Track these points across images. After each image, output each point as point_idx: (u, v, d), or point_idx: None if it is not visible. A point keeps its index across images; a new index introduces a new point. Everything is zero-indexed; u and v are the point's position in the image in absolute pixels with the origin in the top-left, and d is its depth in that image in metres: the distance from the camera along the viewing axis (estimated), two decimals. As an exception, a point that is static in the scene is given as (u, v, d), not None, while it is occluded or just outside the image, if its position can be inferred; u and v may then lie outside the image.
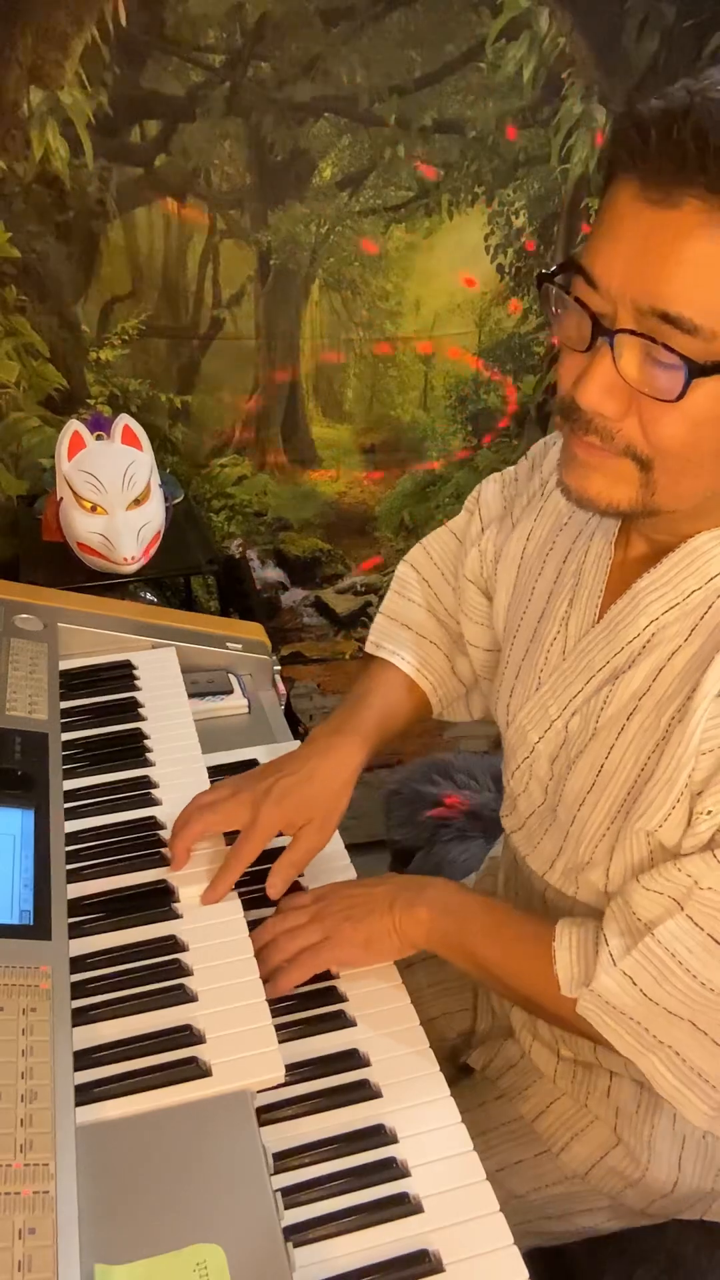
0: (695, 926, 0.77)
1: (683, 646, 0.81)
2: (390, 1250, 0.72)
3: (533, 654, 0.97)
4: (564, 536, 0.97)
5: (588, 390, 0.71)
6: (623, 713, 0.85)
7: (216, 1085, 0.79)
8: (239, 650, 1.33)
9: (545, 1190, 1.02)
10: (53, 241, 1.77)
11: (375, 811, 1.64)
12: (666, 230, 0.64)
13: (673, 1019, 0.80)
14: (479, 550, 1.07)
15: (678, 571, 0.82)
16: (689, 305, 0.64)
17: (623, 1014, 0.81)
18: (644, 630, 0.84)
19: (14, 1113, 0.69)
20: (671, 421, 0.69)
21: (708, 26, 1.83)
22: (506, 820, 1.05)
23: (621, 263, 0.67)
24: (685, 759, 0.78)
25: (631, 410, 0.71)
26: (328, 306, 1.92)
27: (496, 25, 1.75)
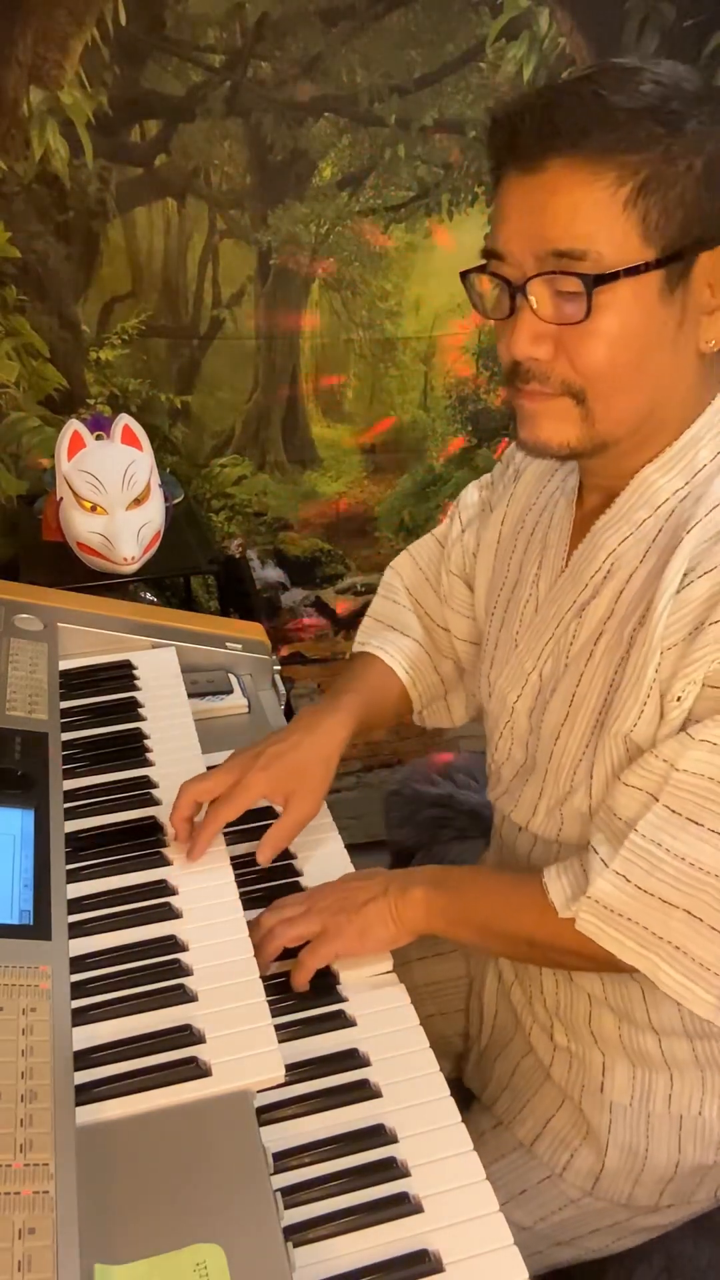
0: (672, 813, 0.82)
1: (639, 568, 0.89)
2: (390, 1250, 0.72)
3: (509, 622, 1.03)
4: (532, 515, 1.05)
5: (518, 341, 0.82)
6: (590, 639, 0.92)
7: (216, 1085, 0.79)
8: (239, 650, 1.33)
9: (552, 1217, 1.03)
10: (53, 241, 1.77)
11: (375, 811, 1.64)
12: (542, 189, 0.79)
13: (669, 909, 0.82)
14: (461, 545, 1.15)
15: (629, 506, 0.90)
16: (573, 238, 0.78)
17: (620, 915, 0.84)
18: (604, 563, 0.91)
19: (14, 1113, 0.68)
20: (591, 344, 0.81)
21: (707, 26, 1.83)
22: (492, 792, 1.09)
23: (516, 229, 0.81)
24: (650, 655, 0.84)
25: (559, 351, 0.82)
26: (328, 306, 1.92)
27: (496, 25, 1.75)
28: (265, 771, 0.98)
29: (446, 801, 1.51)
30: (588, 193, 0.77)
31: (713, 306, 0.82)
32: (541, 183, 0.79)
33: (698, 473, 0.87)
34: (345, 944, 0.92)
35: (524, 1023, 1.07)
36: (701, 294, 0.81)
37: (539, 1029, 1.06)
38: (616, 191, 0.77)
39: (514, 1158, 1.04)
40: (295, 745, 1.01)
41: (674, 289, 0.80)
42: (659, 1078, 0.99)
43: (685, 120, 0.77)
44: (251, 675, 1.32)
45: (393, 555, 1.24)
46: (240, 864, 1.03)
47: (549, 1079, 1.05)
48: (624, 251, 0.78)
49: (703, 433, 0.87)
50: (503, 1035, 1.11)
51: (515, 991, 1.09)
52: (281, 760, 0.99)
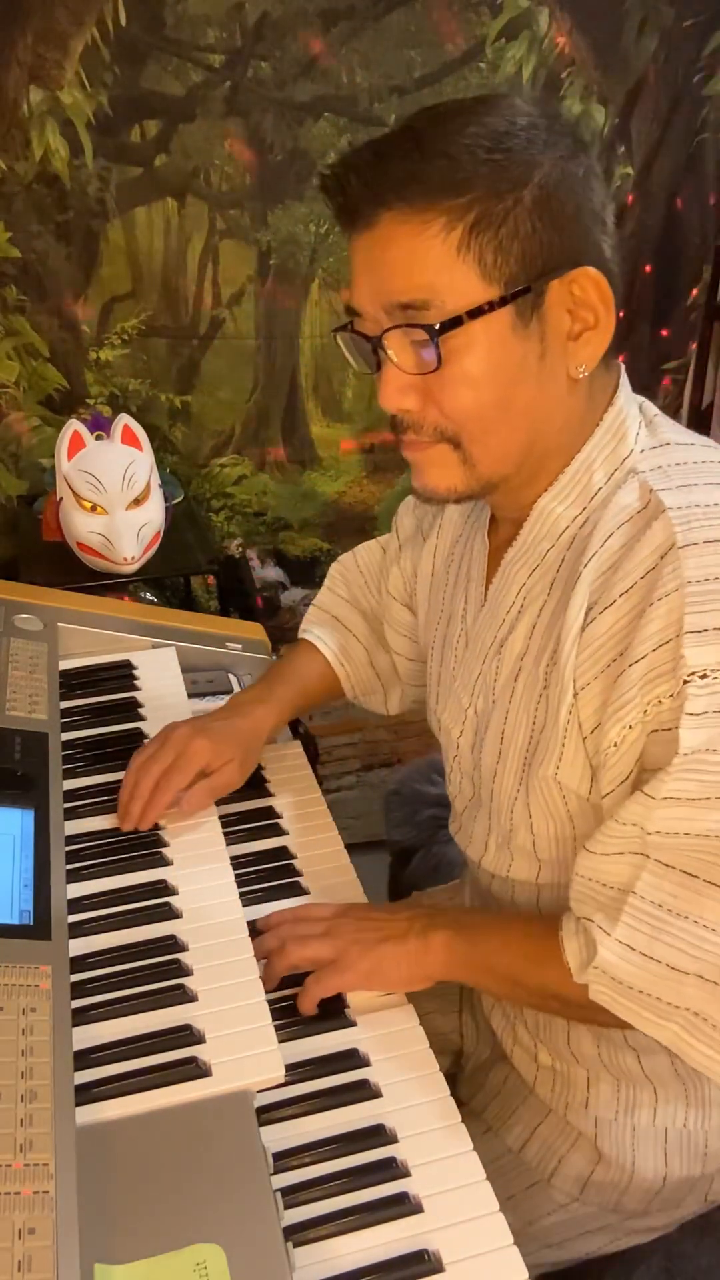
0: (666, 868, 0.78)
1: (547, 600, 0.88)
2: (390, 1250, 0.72)
3: (446, 657, 1.03)
4: (459, 546, 1.05)
5: (386, 395, 0.83)
6: (510, 676, 0.91)
7: (216, 1085, 0.79)
8: (239, 650, 1.33)
9: (541, 1221, 1.02)
10: (53, 241, 1.77)
11: (375, 811, 1.64)
12: (378, 244, 0.79)
13: (681, 977, 0.79)
14: (399, 568, 1.16)
15: (533, 538, 0.89)
16: (414, 290, 0.78)
17: (630, 987, 0.81)
18: (516, 597, 0.91)
19: (14, 1113, 0.69)
20: (452, 390, 0.80)
21: (707, 26, 1.83)
22: (451, 825, 1.08)
23: (364, 285, 0.81)
24: (563, 695, 0.83)
25: (428, 400, 0.82)
26: (327, 306, 1.92)
27: (496, 25, 1.75)
28: (208, 739, 1.05)
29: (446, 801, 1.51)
30: (419, 241, 0.77)
31: (576, 331, 0.81)
32: (376, 238, 0.78)
33: (593, 497, 0.85)
34: (353, 980, 0.91)
35: (505, 1045, 1.07)
36: (561, 321, 0.80)
37: (521, 1050, 1.05)
38: (447, 237, 0.76)
39: (502, 1163, 1.04)
40: (231, 725, 1.09)
41: (528, 322, 0.79)
42: (643, 1092, 0.98)
43: (510, 154, 0.76)
44: (251, 675, 1.32)
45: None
46: (240, 864, 1.03)
47: (534, 1094, 1.05)
48: (464, 295, 0.77)
49: (594, 455, 0.86)
50: (489, 1052, 1.11)
51: (496, 1015, 1.08)
52: (221, 732, 1.07)
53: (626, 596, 0.78)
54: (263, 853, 1.06)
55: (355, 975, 0.91)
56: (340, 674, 1.22)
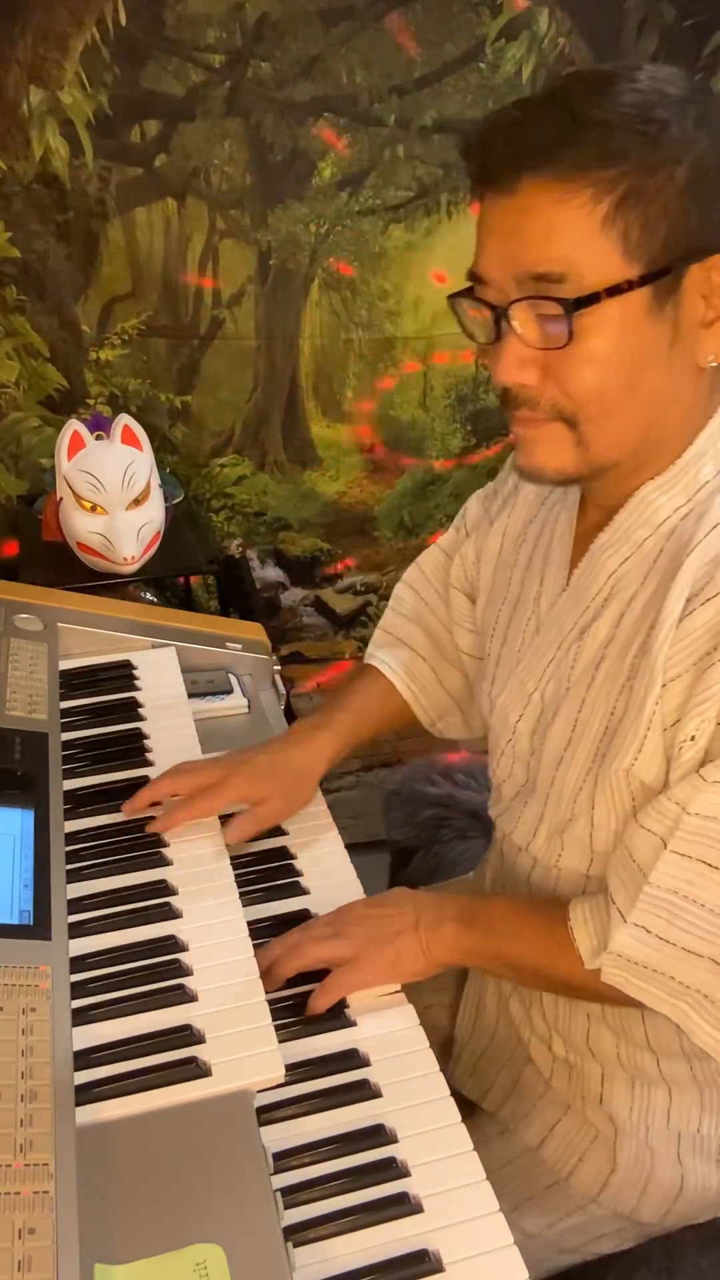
0: (682, 857, 0.79)
1: (639, 591, 0.86)
2: (390, 1250, 0.72)
3: (511, 639, 1.01)
4: (533, 528, 1.02)
5: (504, 367, 0.80)
6: (591, 664, 0.89)
7: (216, 1085, 0.79)
8: (239, 650, 1.33)
9: (559, 1224, 1.02)
10: (53, 241, 1.77)
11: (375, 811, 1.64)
12: (517, 211, 0.76)
13: (693, 959, 0.80)
14: (460, 557, 1.13)
15: (629, 524, 0.87)
16: (552, 261, 0.75)
17: (645, 967, 0.82)
18: (604, 584, 0.89)
19: (14, 1113, 0.69)
20: (578, 368, 0.78)
21: (707, 26, 1.83)
22: (493, 809, 1.07)
23: (495, 251, 0.78)
24: (651, 686, 0.81)
25: (548, 375, 0.79)
26: (328, 306, 1.92)
27: (496, 25, 1.75)
28: (248, 778, 1.02)
29: (446, 801, 1.51)
30: (561, 211, 0.74)
31: (709, 319, 0.78)
32: (516, 204, 0.76)
33: (699, 489, 0.84)
34: (377, 974, 0.91)
35: (523, 1035, 1.07)
36: (695, 307, 0.78)
37: (538, 1040, 1.05)
38: (593, 209, 0.73)
39: (521, 1162, 1.04)
40: (284, 760, 1.05)
41: (663, 305, 0.77)
42: (657, 1094, 0.98)
43: (666, 127, 0.73)
44: (251, 675, 1.32)
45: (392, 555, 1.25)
46: (240, 864, 1.03)
47: (550, 1088, 1.05)
48: (604, 271, 0.75)
49: (706, 448, 0.84)
50: (504, 1045, 1.11)
51: (514, 1003, 1.08)
52: (267, 770, 1.03)
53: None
54: (263, 853, 1.06)
55: (378, 970, 0.91)
56: (408, 696, 1.18)
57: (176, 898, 0.95)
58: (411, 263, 1.90)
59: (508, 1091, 1.08)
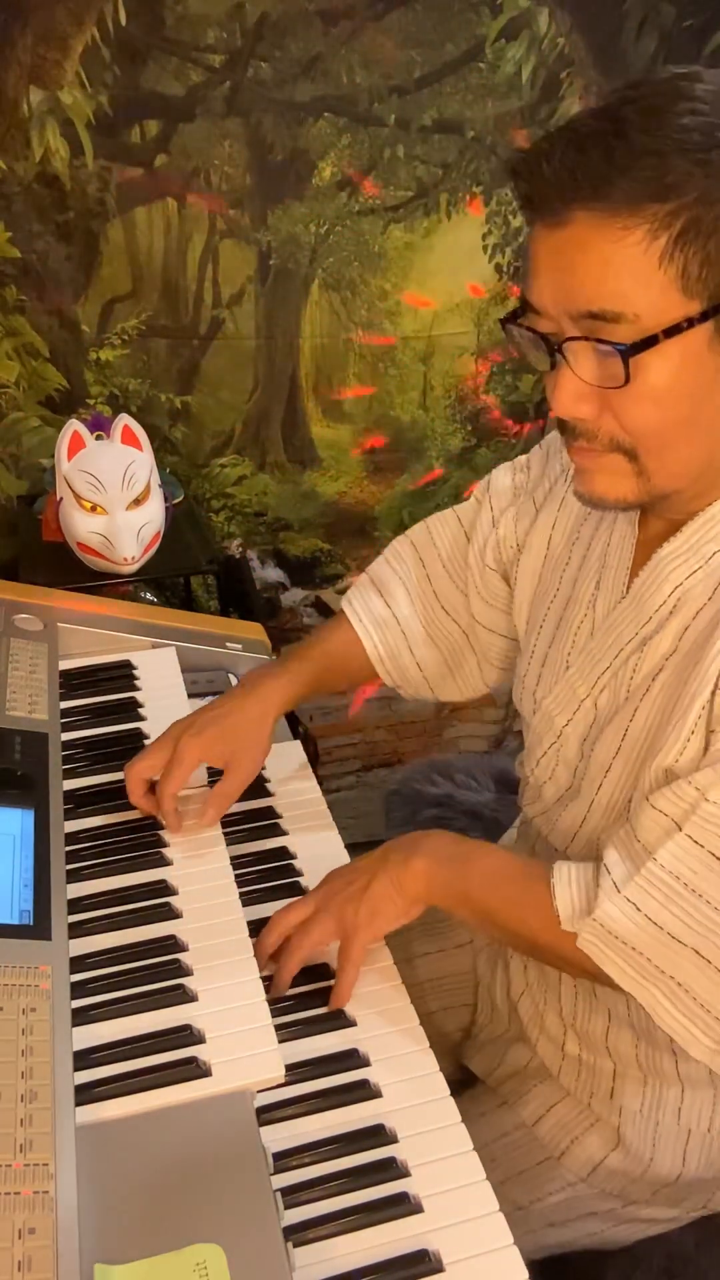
0: (695, 844, 0.78)
1: (706, 605, 0.84)
2: (390, 1250, 0.72)
3: (559, 640, 0.98)
4: (588, 526, 0.99)
5: (560, 401, 0.78)
6: (650, 675, 0.87)
7: (216, 1085, 0.79)
8: (239, 650, 1.33)
9: (547, 1199, 1.02)
10: (53, 241, 1.76)
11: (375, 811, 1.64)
12: (569, 245, 0.73)
13: (677, 946, 0.79)
14: (498, 537, 1.09)
15: (699, 537, 0.85)
16: (607, 299, 0.73)
17: (624, 943, 0.81)
18: (669, 596, 0.87)
19: (14, 1113, 0.69)
20: (636, 405, 0.76)
21: (707, 27, 1.83)
22: (530, 807, 1.05)
23: (548, 284, 0.75)
24: (702, 688, 0.80)
25: (605, 409, 0.78)
26: (327, 306, 1.92)
27: (496, 25, 1.75)
28: (197, 738, 1.01)
29: (446, 801, 1.51)
30: (618, 249, 0.71)
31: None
32: (568, 238, 0.72)
33: None
34: (366, 933, 0.91)
35: (530, 1034, 1.07)
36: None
37: (546, 1040, 1.05)
38: (650, 245, 0.70)
39: (515, 1136, 1.04)
40: (229, 711, 1.04)
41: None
42: (670, 1091, 0.98)
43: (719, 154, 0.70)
44: (251, 675, 1.32)
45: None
46: (240, 864, 1.03)
47: (556, 1081, 1.05)
48: (663, 309, 0.72)
49: None
50: (505, 1029, 1.11)
51: (525, 1003, 1.07)
52: (214, 726, 1.02)
53: None
54: (263, 853, 1.06)
55: (363, 929, 0.90)
56: (373, 655, 1.14)
57: (176, 898, 0.95)
58: (411, 263, 1.90)
59: (512, 1070, 1.08)
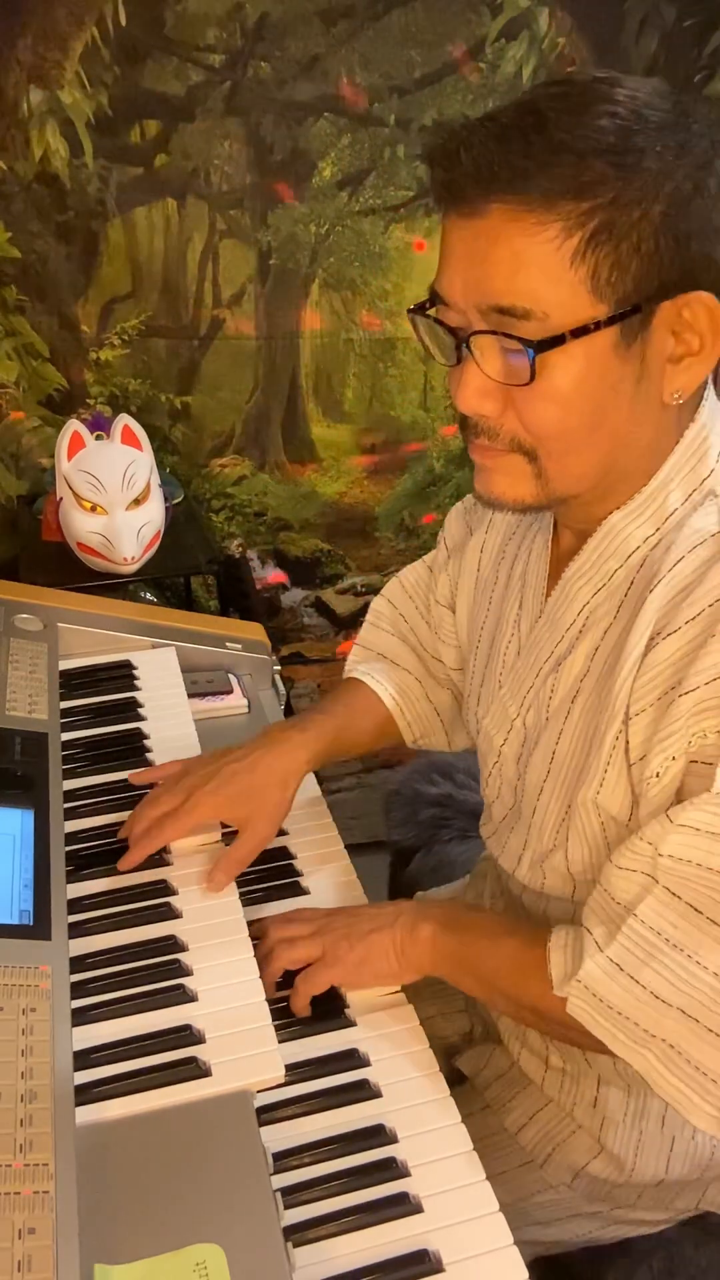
0: (673, 896, 0.76)
1: (612, 624, 0.84)
2: (390, 1250, 0.72)
3: (493, 660, 0.99)
4: (512, 544, 1.00)
5: (464, 395, 0.77)
6: (568, 697, 0.88)
7: (216, 1085, 0.79)
8: (239, 650, 1.33)
9: (531, 1199, 1.02)
10: (53, 241, 1.77)
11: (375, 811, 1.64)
12: (482, 237, 0.72)
13: (663, 1008, 0.77)
14: (447, 574, 1.10)
15: (599, 554, 0.85)
16: (516, 295, 0.72)
17: (610, 1008, 0.79)
18: (578, 616, 0.87)
19: (14, 1113, 0.68)
20: (540, 406, 0.75)
21: (707, 26, 1.83)
22: (484, 829, 1.05)
23: (458, 276, 0.74)
24: (612, 720, 0.80)
25: (508, 407, 0.77)
26: (327, 306, 1.92)
27: (496, 25, 1.75)
28: (214, 795, 0.96)
29: (446, 801, 1.51)
30: (530, 244, 0.70)
31: (679, 355, 0.75)
32: (482, 230, 0.71)
33: (668, 518, 0.81)
34: (342, 973, 0.90)
35: (512, 1049, 1.06)
36: (664, 343, 0.74)
37: (529, 1054, 1.04)
38: (563, 244, 0.70)
39: (497, 1139, 1.04)
40: (252, 766, 0.98)
41: (631, 343, 0.73)
42: (653, 1100, 0.98)
43: (643, 158, 0.69)
44: (251, 675, 1.32)
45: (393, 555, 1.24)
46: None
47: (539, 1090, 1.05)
48: (571, 309, 0.71)
49: (672, 475, 0.81)
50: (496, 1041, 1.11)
51: (505, 1020, 1.07)
52: (235, 781, 0.97)
53: (692, 624, 0.76)
54: (263, 853, 1.06)
55: (343, 968, 0.90)
56: (392, 708, 1.13)
57: (176, 898, 0.95)
58: (411, 263, 1.90)
59: (496, 1074, 1.08)
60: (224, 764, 0.98)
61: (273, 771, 0.99)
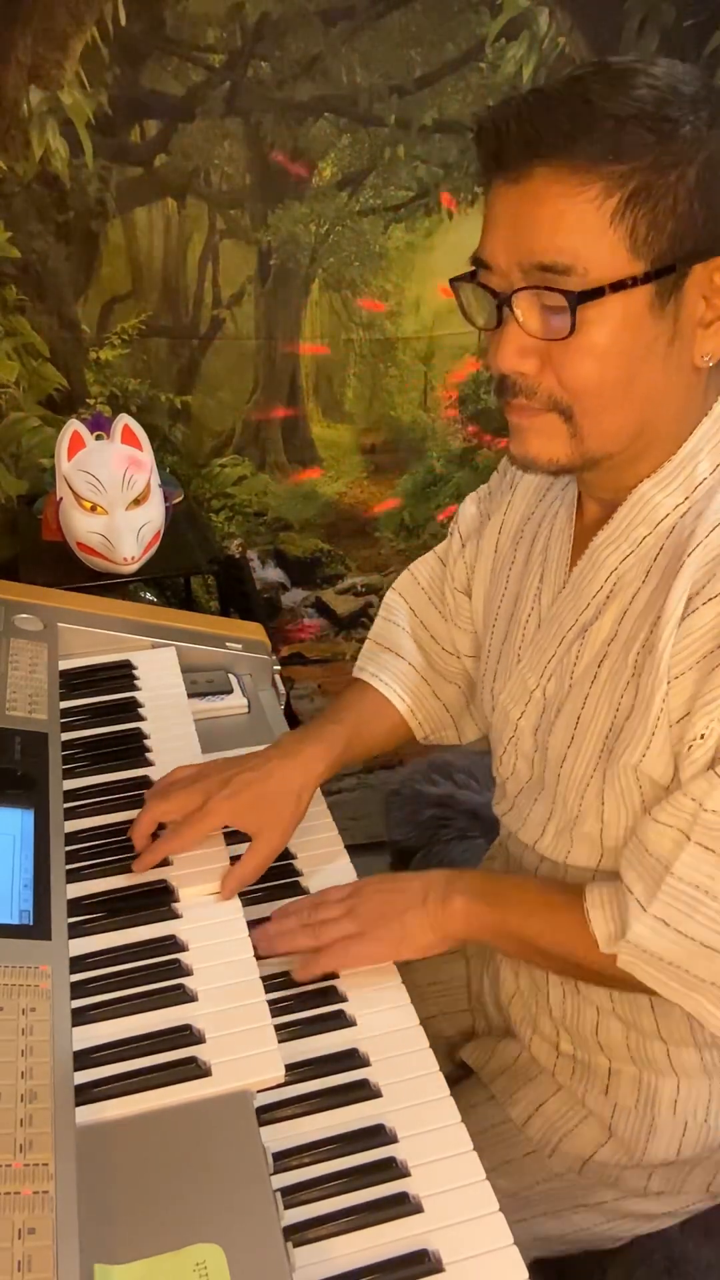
0: (707, 851, 0.80)
1: (641, 588, 0.86)
2: (390, 1250, 0.72)
3: (511, 636, 1.01)
4: (531, 524, 1.02)
5: (504, 354, 0.80)
6: (594, 662, 0.89)
7: (216, 1085, 0.79)
8: (239, 650, 1.33)
9: (536, 1188, 1.03)
10: (53, 241, 1.77)
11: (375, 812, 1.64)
12: (527, 199, 0.76)
13: (710, 954, 0.81)
14: (463, 561, 1.12)
15: (628, 522, 0.87)
16: (558, 252, 0.76)
17: (661, 959, 0.83)
18: (605, 582, 0.89)
19: (14, 1113, 0.68)
20: (578, 361, 0.79)
21: (708, 26, 1.83)
22: (498, 806, 1.07)
23: (502, 239, 0.79)
24: (657, 685, 0.82)
25: (546, 366, 0.80)
26: (327, 306, 1.92)
27: (496, 25, 1.75)
28: (230, 801, 0.97)
29: (446, 801, 1.51)
30: (573, 204, 0.75)
31: (709, 319, 0.79)
32: (526, 192, 0.76)
33: (697, 487, 0.84)
34: (384, 950, 0.92)
35: (522, 1035, 1.07)
36: (696, 306, 0.79)
37: (540, 1039, 1.05)
38: (603, 203, 0.74)
39: (503, 1129, 1.04)
40: (268, 775, 0.99)
41: (665, 303, 0.77)
42: (666, 1083, 0.99)
43: (679, 126, 0.74)
44: (251, 675, 1.32)
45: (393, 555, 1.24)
46: (240, 864, 1.02)
47: (551, 1076, 1.05)
48: (611, 266, 0.76)
49: (701, 445, 0.84)
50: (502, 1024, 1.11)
51: (516, 1005, 1.08)
52: (251, 790, 0.97)
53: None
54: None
55: (385, 945, 0.92)
56: (403, 709, 1.15)
57: (176, 898, 0.95)
58: (411, 263, 1.90)
59: (503, 1067, 1.09)
60: (239, 771, 0.99)
61: (288, 782, 1.00)
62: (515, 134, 0.76)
